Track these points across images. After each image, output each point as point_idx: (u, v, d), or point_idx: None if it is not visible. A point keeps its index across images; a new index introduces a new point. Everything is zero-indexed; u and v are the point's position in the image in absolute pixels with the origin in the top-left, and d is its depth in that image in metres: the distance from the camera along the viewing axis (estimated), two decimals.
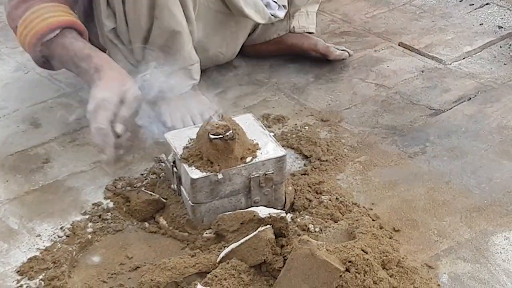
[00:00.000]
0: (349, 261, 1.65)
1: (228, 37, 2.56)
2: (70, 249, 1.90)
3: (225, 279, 1.67)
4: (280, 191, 1.98)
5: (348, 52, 2.72)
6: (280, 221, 1.77)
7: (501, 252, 1.87)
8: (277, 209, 1.91)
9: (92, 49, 2.15)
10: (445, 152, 2.27)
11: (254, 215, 1.81)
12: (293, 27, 2.70)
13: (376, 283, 1.65)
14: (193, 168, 1.89)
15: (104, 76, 2.06)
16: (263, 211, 1.82)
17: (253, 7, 2.44)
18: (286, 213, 1.85)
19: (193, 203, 1.90)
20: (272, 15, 2.51)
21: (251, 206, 1.91)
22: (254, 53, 2.77)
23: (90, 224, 2.00)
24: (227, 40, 2.57)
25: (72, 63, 2.14)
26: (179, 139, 1.99)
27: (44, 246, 1.93)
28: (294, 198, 2.04)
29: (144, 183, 2.14)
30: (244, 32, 2.63)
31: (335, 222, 1.91)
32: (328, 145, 2.29)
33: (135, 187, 2.11)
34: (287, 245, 1.76)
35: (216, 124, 1.88)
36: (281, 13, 2.54)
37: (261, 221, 1.79)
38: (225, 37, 2.55)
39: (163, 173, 2.14)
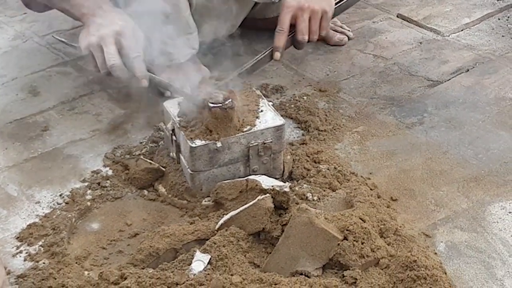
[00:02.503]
0: (347, 230, 1.67)
1: (226, 13, 2.51)
2: (70, 216, 1.91)
3: (223, 246, 1.68)
4: (279, 160, 1.99)
5: (348, 36, 2.72)
6: (282, 195, 1.77)
7: (497, 222, 1.88)
8: (275, 178, 1.92)
9: None
10: (442, 122, 2.28)
11: (257, 185, 1.82)
12: None
13: (373, 251, 1.66)
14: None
15: (106, 12, 2.07)
16: (266, 182, 1.82)
17: None
18: (285, 182, 1.85)
19: (192, 171, 1.91)
20: None
21: (250, 175, 1.92)
22: (253, 27, 2.75)
23: (89, 191, 2.01)
24: (224, 16, 2.52)
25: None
26: (178, 107, 1.99)
27: (43, 212, 1.94)
28: (293, 167, 2.04)
29: (143, 151, 2.14)
30: (245, 10, 2.56)
31: (333, 191, 1.92)
32: (326, 115, 2.29)
33: (134, 155, 2.11)
34: (285, 213, 1.77)
35: (216, 93, 1.88)
36: None
37: (263, 192, 1.79)
38: (223, 13, 2.50)
39: (162, 141, 2.15)
